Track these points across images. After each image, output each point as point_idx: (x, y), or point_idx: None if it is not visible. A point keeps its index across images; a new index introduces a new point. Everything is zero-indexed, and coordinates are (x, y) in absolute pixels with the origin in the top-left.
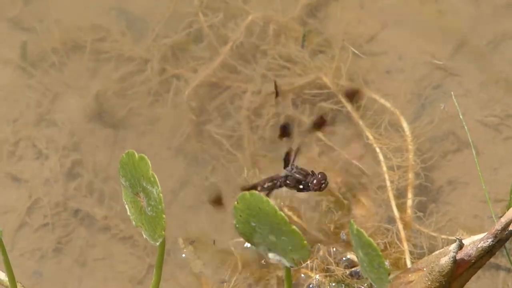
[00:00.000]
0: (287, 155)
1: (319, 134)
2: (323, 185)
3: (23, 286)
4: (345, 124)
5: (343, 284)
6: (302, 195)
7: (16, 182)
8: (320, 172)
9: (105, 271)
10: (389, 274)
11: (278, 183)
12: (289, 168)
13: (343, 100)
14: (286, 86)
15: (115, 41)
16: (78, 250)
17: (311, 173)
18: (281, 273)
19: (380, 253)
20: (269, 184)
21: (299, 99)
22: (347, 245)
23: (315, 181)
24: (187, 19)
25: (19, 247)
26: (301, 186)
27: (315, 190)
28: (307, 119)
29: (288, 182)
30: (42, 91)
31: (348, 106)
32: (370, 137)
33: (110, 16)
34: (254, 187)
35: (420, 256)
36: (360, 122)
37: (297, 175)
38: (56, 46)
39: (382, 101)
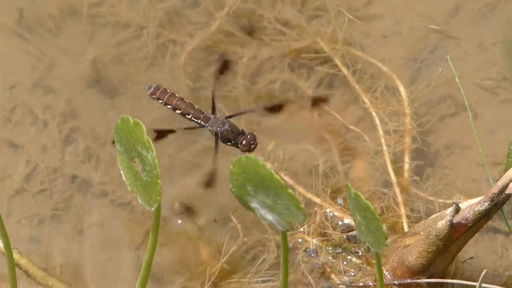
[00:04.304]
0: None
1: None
2: (253, 145)
3: (19, 252)
4: (342, 88)
5: (340, 248)
6: None
7: (13, 148)
8: (250, 133)
9: (103, 238)
10: (386, 238)
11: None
12: (220, 122)
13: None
14: (283, 49)
15: (111, 6)
16: (76, 216)
17: (241, 132)
18: (279, 237)
19: (378, 216)
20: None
21: (296, 64)
22: (344, 209)
23: (244, 142)
24: None
25: (16, 213)
26: (229, 143)
27: (244, 151)
28: (304, 84)
29: (217, 135)
30: (38, 56)
31: (345, 70)
32: (367, 101)
33: None
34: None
35: (417, 220)
36: (357, 87)
37: (227, 134)
38: (52, 11)
39: (379, 64)
